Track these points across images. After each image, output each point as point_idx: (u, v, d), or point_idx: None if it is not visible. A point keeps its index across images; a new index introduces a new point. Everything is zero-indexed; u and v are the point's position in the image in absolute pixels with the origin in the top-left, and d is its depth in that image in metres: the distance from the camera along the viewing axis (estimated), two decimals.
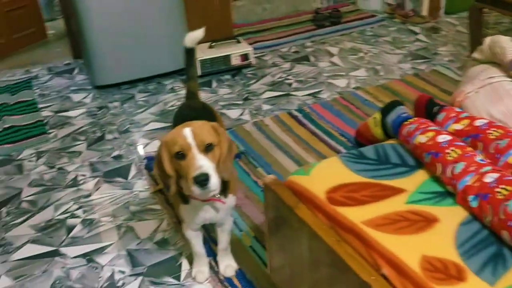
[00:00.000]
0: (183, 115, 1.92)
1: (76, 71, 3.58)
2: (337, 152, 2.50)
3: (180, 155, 1.40)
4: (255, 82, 3.30)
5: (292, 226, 1.32)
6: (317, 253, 1.23)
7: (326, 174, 1.37)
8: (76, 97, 3.22)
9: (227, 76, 3.40)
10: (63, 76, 3.51)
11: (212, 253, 1.96)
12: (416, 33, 3.89)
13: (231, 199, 1.63)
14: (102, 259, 1.98)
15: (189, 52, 2.11)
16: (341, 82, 3.21)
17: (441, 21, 4.08)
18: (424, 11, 4.10)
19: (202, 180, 1.33)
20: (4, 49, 3.80)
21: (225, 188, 1.55)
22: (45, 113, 3.05)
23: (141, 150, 2.64)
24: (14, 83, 3.41)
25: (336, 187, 1.31)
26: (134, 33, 3.16)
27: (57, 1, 4.33)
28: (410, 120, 1.56)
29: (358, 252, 1.15)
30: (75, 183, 2.42)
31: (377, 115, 1.74)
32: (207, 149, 1.39)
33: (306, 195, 1.31)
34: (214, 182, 1.35)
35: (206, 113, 1.97)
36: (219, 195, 1.52)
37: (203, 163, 1.35)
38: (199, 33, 2.07)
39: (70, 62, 3.71)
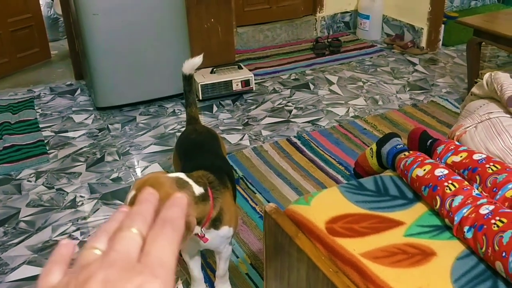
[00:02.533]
0: (190, 140, 1.95)
1: (78, 92, 3.61)
2: (335, 180, 2.52)
3: None
4: (255, 108, 3.34)
5: (291, 255, 1.33)
6: (315, 283, 1.24)
7: (326, 205, 1.39)
8: (78, 118, 3.25)
9: (228, 101, 3.44)
10: (65, 96, 3.55)
11: (208, 279, 1.95)
12: (414, 64, 3.96)
13: (225, 231, 1.62)
14: None
15: (188, 79, 2.15)
16: (340, 111, 3.25)
17: (439, 53, 4.15)
18: (423, 43, 4.18)
19: None
20: (8, 68, 3.84)
21: (215, 221, 1.56)
22: (46, 133, 3.07)
23: (139, 173, 2.66)
24: (16, 102, 3.44)
25: (336, 218, 1.33)
26: (137, 56, 3.20)
27: (61, 22, 4.39)
28: (407, 153, 1.58)
29: (355, 284, 1.16)
30: (73, 204, 2.43)
31: (373, 146, 1.77)
32: None
33: (306, 225, 1.32)
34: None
35: (210, 138, 2.00)
36: (202, 231, 1.52)
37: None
38: (197, 60, 2.11)
39: (73, 83, 3.75)
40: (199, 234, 1.56)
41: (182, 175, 1.53)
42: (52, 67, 4.06)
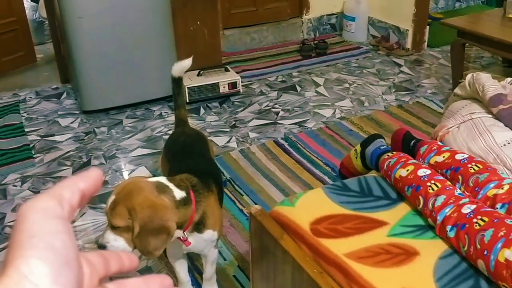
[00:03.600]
0: (179, 142, 1.95)
1: (64, 95, 3.59)
2: (322, 181, 2.54)
3: None
4: (242, 110, 3.34)
5: (276, 256, 1.34)
6: (300, 284, 1.25)
7: (311, 206, 1.39)
8: (64, 121, 3.23)
9: (215, 104, 3.44)
10: (51, 100, 3.52)
11: (196, 282, 1.95)
12: (400, 65, 3.99)
13: (209, 234, 1.62)
14: None
15: (177, 81, 2.15)
16: (326, 112, 3.27)
17: (424, 54, 4.19)
18: (408, 44, 4.22)
19: (100, 247, 1.44)
20: None
21: (199, 225, 1.56)
22: (31, 137, 3.05)
23: (126, 177, 2.65)
24: (1, 106, 3.41)
25: (320, 219, 1.34)
26: (123, 59, 3.19)
27: (46, 25, 4.37)
28: (390, 154, 1.60)
29: (339, 284, 1.17)
30: None
31: (358, 147, 1.79)
32: (113, 227, 1.42)
33: (291, 226, 1.33)
34: (113, 246, 1.41)
35: (199, 140, 2.01)
36: (184, 234, 1.53)
37: (105, 237, 1.43)
38: (187, 62, 2.11)
39: (58, 87, 3.72)
40: (181, 237, 1.56)
41: (163, 179, 1.53)
42: (38, 71, 4.03)
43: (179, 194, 1.50)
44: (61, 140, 3.02)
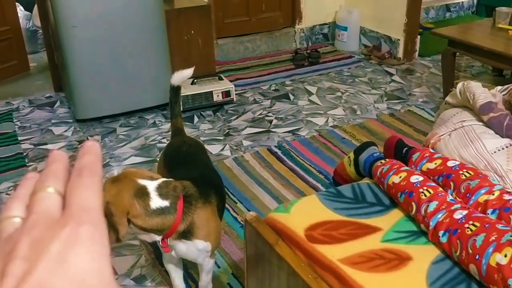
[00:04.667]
0: (181, 152, 1.96)
1: (57, 104, 3.59)
2: (315, 188, 2.56)
3: None
4: (236, 118, 3.36)
5: (271, 262, 1.35)
6: None
7: (305, 212, 1.41)
8: (57, 130, 3.23)
9: (209, 112, 3.45)
10: (44, 109, 3.52)
11: None
12: (391, 74, 4.03)
13: (200, 244, 1.64)
14: None
15: (176, 90, 2.16)
16: (319, 120, 3.29)
17: (415, 63, 4.24)
18: (400, 53, 4.27)
19: None
20: None
21: (186, 233, 1.59)
22: (25, 145, 3.05)
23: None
24: None
25: (315, 225, 1.35)
26: (117, 67, 3.21)
27: (40, 34, 4.37)
28: (383, 161, 1.62)
29: None
30: None
31: (351, 155, 1.81)
32: None
33: (286, 232, 1.35)
34: None
35: (200, 150, 2.03)
36: (167, 241, 1.58)
37: None
38: (188, 72, 2.12)
39: (52, 95, 3.72)
40: (160, 242, 1.60)
41: (151, 184, 1.56)
42: (31, 79, 4.03)
43: (157, 203, 1.54)
44: (55, 148, 3.01)
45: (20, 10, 4.34)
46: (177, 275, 1.84)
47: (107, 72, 3.19)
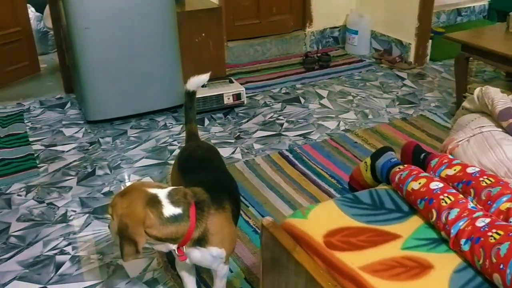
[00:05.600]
0: (196, 156, 1.95)
1: (68, 105, 3.59)
2: (328, 193, 2.53)
3: None
4: (247, 121, 3.35)
5: (288, 269, 1.33)
6: None
7: (323, 218, 1.39)
8: (68, 131, 3.23)
9: (219, 115, 3.44)
10: (55, 110, 3.52)
11: None
12: (403, 79, 4.01)
13: (215, 251, 1.63)
14: None
15: (191, 95, 2.15)
16: (331, 124, 3.27)
17: (426, 68, 4.21)
18: (411, 58, 4.24)
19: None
20: None
21: (201, 241, 1.59)
22: (36, 146, 3.04)
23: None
24: (5, 115, 3.41)
25: (333, 231, 1.33)
26: (128, 69, 3.20)
27: (51, 35, 4.38)
28: (401, 167, 1.60)
29: None
30: (64, 219, 2.40)
31: (368, 160, 1.79)
32: None
33: (304, 238, 1.33)
34: (111, 232, 1.61)
35: (215, 155, 2.02)
36: (183, 249, 1.59)
37: (110, 221, 1.60)
38: (204, 77, 2.11)
39: (62, 96, 3.72)
40: (176, 251, 1.60)
41: (161, 192, 1.56)
42: (42, 81, 4.03)
43: (171, 211, 1.53)
44: (66, 150, 3.01)
45: (31, 11, 4.35)
46: (190, 281, 1.82)
47: (118, 74, 3.19)
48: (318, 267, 1.26)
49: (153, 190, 1.57)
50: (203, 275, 2.02)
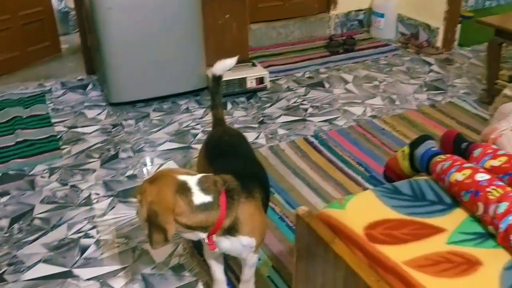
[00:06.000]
0: (222, 142, 1.90)
1: (90, 86, 3.55)
2: (355, 181, 2.47)
3: None
4: (270, 106, 3.28)
5: (326, 261, 1.28)
6: None
7: (362, 209, 1.34)
8: (90, 113, 3.19)
9: (242, 99, 3.38)
10: (77, 91, 3.49)
11: (230, 282, 1.90)
12: (430, 64, 3.90)
13: (245, 240, 1.59)
14: (116, 283, 1.92)
15: (217, 80, 2.09)
16: (357, 110, 3.20)
17: (454, 53, 4.09)
18: (438, 42, 4.11)
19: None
20: (18, 62, 3.78)
21: (231, 229, 1.55)
22: (58, 128, 3.02)
23: (155, 171, 2.60)
24: (27, 96, 3.39)
25: (374, 223, 1.28)
26: (151, 51, 3.15)
27: (72, 15, 4.34)
28: (442, 156, 1.53)
29: None
30: (88, 201, 2.38)
31: (406, 149, 1.71)
32: None
33: (343, 230, 1.27)
34: (140, 219, 1.57)
35: (243, 141, 1.97)
36: (213, 237, 1.56)
37: (138, 208, 1.56)
38: (230, 62, 2.04)
39: (84, 78, 3.69)
40: (206, 240, 1.56)
41: (191, 179, 1.53)
42: (63, 61, 4.00)
43: (201, 198, 1.50)
44: (88, 132, 2.98)
45: None
46: (218, 269, 1.79)
47: (141, 56, 3.14)
48: (359, 261, 1.21)
49: (182, 177, 1.53)
50: (230, 262, 1.98)
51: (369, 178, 2.48)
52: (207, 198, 1.50)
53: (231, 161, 1.78)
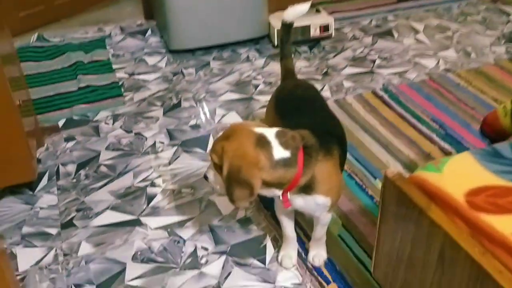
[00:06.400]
0: (295, 96, 1.80)
1: (148, 32, 3.49)
2: (430, 139, 2.33)
3: None
4: (334, 56, 3.13)
5: (419, 229, 1.19)
6: (452, 263, 1.11)
7: (461, 174, 1.22)
8: (150, 60, 3.14)
9: (304, 48, 3.24)
10: (136, 37, 3.43)
11: (299, 239, 1.86)
12: (508, 14, 3.59)
13: (320, 199, 1.52)
14: (184, 233, 1.91)
15: (287, 27, 1.96)
16: (429, 62, 2.99)
17: None
18: None
19: (204, 176, 1.59)
20: (77, 5, 3.74)
21: (306, 188, 1.48)
22: (119, 74, 2.99)
23: (217, 122, 2.55)
24: (88, 41, 3.36)
25: (476, 190, 1.17)
26: None
27: None
28: None
29: (509, 269, 1.01)
30: (153, 150, 2.36)
31: (508, 104, 1.56)
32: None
33: (441, 196, 1.17)
34: (211, 181, 1.56)
35: (317, 95, 1.86)
36: (287, 195, 1.49)
37: (208, 170, 1.56)
38: (303, 8, 1.90)
39: (143, 23, 3.62)
40: (281, 197, 1.50)
41: (269, 132, 1.44)
42: (120, 6, 3.93)
43: (280, 153, 1.42)
44: (149, 79, 2.94)
45: None
46: (289, 225, 1.73)
47: (201, 2, 3.02)
48: (460, 230, 1.11)
49: (260, 130, 1.45)
50: (299, 219, 1.93)
51: (445, 136, 2.33)
52: (286, 154, 1.42)
53: (306, 117, 1.68)
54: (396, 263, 1.34)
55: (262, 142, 1.41)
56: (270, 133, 1.45)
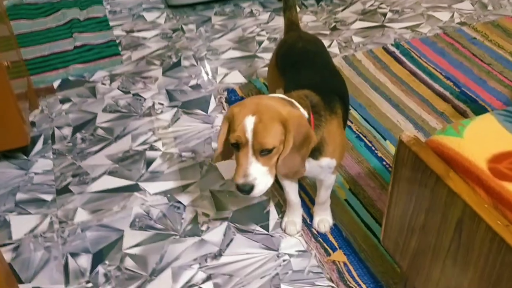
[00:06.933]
0: (296, 50, 1.66)
1: None
2: (443, 98, 2.20)
3: (235, 145, 1.24)
4: (343, 10, 2.95)
5: (436, 197, 1.09)
6: (471, 234, 1.01)
7: (484, 138, 1.11)
8: (149, 16, 2.99)
9: (311, 1, 3.06)
10: None
11: (304, 204, 1.77)
12: None
13: (325, 162, 1.42)
14: (184, 199, 1.83)
15: None
16: (443, 15, 2.82)
17: None
18: None
19: (244, 190, 1.22)
20: None
21: (315, 151, 1.37)
22: (117, 32, 2.85)
23: (218, 81, 2.42)
24: None
25: (500, 156, 1.06)
26: None
27: None
28: None
29: None
30: (152, 111, 2.25)
31: None
32: (262, 153, 1.21)
33: (461, 162, 1.06)
34: (260, 190, 1.23)
35: (320, 48, 1.72)
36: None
37: (251, 171, 1.21)
38: None
39: None
40: None
41: (291, 97, 1.32)
42: None
43: (303, 112, 1.32)
44: (148, 36, 2.80)
45: None
46: (292, 190, 1.64)
47: None
48: (481, 200, 1.01)
49: (272, 95, 1.36)
50: (302, 182, 1.84)
51: (459, 94, 2.20)
52: (305, 113, 1.33)
53: (306, 73, 1.56)
54: (408, 232, 1.25)
55: (293, 105, 1.31)
56: (291, 97, 1.35)
